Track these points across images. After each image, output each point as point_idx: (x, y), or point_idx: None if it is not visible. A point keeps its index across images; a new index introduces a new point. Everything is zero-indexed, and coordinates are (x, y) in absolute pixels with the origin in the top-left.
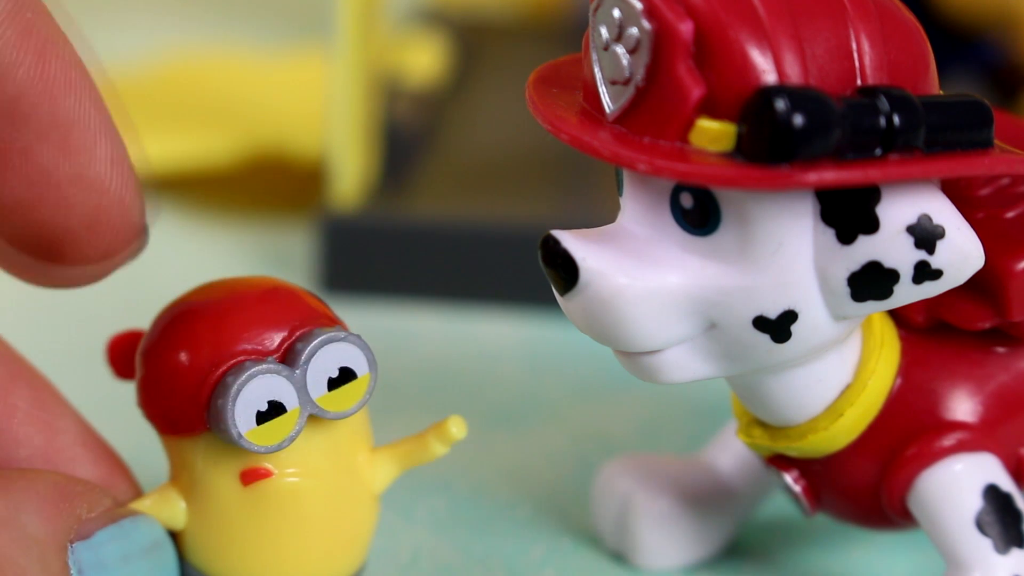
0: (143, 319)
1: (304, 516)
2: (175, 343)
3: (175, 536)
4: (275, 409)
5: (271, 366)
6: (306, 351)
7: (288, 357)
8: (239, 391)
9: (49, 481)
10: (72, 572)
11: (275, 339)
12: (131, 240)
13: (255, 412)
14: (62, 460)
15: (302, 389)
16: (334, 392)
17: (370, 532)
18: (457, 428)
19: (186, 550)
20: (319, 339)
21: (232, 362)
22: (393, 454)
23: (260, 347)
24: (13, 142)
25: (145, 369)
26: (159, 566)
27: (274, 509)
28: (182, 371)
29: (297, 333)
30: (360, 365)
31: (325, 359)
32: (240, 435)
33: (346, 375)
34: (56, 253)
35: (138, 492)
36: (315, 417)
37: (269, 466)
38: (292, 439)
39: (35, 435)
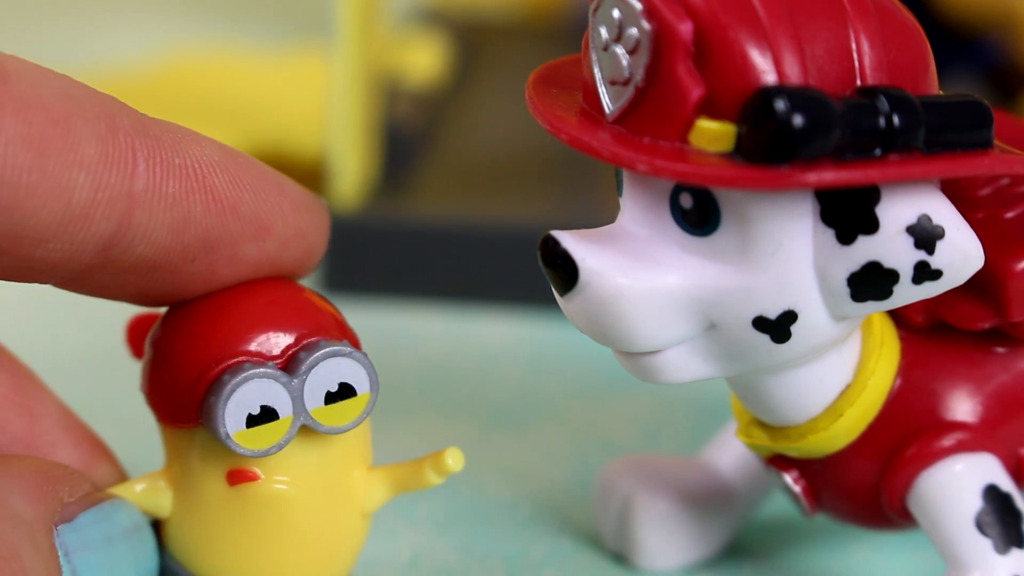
0: None
1: (287, 526)
2: (182, 334)
3: (158, 525)
4: (267, 414)
5: (269, 371)
6: (307, 361)
7: (290, 365)
8: (232, 391)
9: (31, 466)
10: (60, 554)
11: (280, 344)
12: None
13: (246, 414)
14: (43, 444)
15: (298, 399)
16: (331, 406)
17: (357, 549)
18: (454, 461)
19: (168, 540)
20: (322, 351)
21: (232, 361)
22: (388, 476)
23: (263, 350)
24: (225, 257)
25: (151, 356)
26: (140, 549)
27: (257, 514)
28: (184, 363)
29: (303, 342)
30: (361, 383)
31: (326, 372)
32: (228, 435)
33: (346, 391)
34: None
35: (120, 474)
36: (310, 430)
37: (257, 470)
38: (280, 446)
39: (15, 420)
